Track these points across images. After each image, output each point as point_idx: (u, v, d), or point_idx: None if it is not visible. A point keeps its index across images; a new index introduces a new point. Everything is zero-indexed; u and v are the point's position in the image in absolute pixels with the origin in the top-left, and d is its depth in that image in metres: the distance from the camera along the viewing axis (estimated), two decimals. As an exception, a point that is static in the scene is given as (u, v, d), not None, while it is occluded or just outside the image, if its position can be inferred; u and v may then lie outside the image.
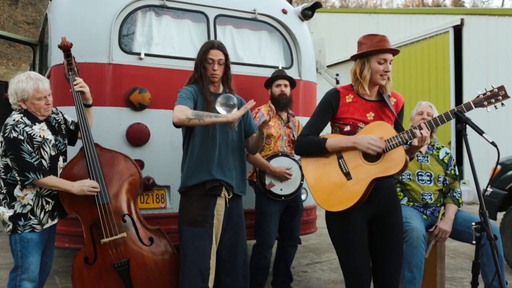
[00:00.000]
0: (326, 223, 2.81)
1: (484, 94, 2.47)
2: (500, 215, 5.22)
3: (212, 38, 4.32)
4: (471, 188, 10.24)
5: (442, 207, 3.77)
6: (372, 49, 2.67)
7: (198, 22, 4.36)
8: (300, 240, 4.76)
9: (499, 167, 5.19)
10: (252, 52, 4.58)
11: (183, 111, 3.01)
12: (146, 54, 4.04)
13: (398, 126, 2.81)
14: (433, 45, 12.24)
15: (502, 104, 2.44)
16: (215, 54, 3.24)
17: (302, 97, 4.67)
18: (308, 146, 2.74)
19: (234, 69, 4.35)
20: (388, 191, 2.79)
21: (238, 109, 3.08)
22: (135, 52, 4.05)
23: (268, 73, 4.48)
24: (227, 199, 3.27)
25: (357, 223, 2.68)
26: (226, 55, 3.29)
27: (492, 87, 2.45)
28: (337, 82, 12.26)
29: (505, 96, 2.43)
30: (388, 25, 13.91)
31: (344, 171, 2.64)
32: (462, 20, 11.35)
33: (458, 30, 11.60)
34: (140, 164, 3.93)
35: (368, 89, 2.74)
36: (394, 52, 2.73)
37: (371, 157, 2.62)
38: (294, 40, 4.70)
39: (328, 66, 13.29)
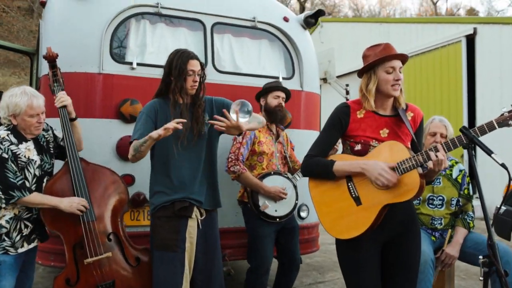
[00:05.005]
0: (336, 249, 2.61)
1: (509, 112, 2.15)
2: None
3: (209, 47, 4.14)
4: (484, 202, 9.90)
5: (450, 230, 3.51)
6: (376, 59, 2.45)
7: (195, 30, 4.19)
8: (301, 259, 4.53)
9: (513, 184, 4.91)
10: (251, 61, 4.39)
11: (130, 150, 2.91)
12: (138, 64, 3.87)
13: (415, 145, 2.55)
14: (445, 55, 11.97)
15: None
16: (195, 65, 3.05)
17: (304, 109, 4.46)
18: (315, 168, 2.53)
19: (233, 79, 4.20)
20: (405, 216, 2.54)
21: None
22: (127, 61, 3.88)
23: (269, 84, 4.29)
24: (199, 220, 3.06)
25: (369, 251, 2.46)
26: (202, 65, 3.11)
27: None
28: (347, 92, 12.05)
29: None
30: (399, 34, 13.66)
31: (354, 195, 2.42)
32: (475, 29, 11.08)
33: (471, 40, 11.33)
34: (130, 179, 3.75)
35: (379, 103, 2.51)
36: (401, 57, 2.48)
37: None
38: (295, 49, 4.50)
39: (338, 77, 13.07)
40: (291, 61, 4.51)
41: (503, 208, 4.90)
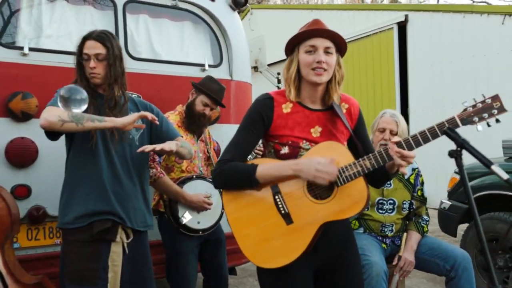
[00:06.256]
0: (258, 278, 2.06)
1: (473, 106, 1.74)
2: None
3: (120, 29, 3.50)
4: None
5: (404, 234, 3.13)
6: (292, 36, 1.98)
7: (104, 9, 3.54)
8: (236, 271, 4.04)
9: (458, 177, 4.64)
10: (172, 47, 3.80)
11: (54, 112, 2.22)
12: (31, 49, 3.17)
13: (354, 145, 2.05)
14: (377, 43, 11.81)
15: (497, 120, 1.73)
16: (91, 47, 2.42)
17: (234, 101, 3.92)
18: (232, 176, 1.93)
19: (150, 68, 3.59)
20: (340, 232, 2.07)
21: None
22: (17, 46, 3.17)
23: (192, 71, 3.72)
24: (125, 244, 2.46)
25: (300, 280, 1.95)
26: (108, 47, 2.44)
27: (484, 96, 1.74)
28: (279, 81, 11.64)
29: (501, 110, 1.73)
30: (331, 21, 13.28)
31: (283, 212, 1.89)
32: (406, 16, 10.94)
33: (402, 27, 11.22)
34: (25, 190, 3.08)
35: (306, 95, 2.00)
36: (325, 34, 1.93)
37: (320, 191, 1.88)
38: (223, 33, 3.94)
39: (269, 65, 12.62)
40: (219, 47, 3.95)
41: (448, 202, 4.61)
